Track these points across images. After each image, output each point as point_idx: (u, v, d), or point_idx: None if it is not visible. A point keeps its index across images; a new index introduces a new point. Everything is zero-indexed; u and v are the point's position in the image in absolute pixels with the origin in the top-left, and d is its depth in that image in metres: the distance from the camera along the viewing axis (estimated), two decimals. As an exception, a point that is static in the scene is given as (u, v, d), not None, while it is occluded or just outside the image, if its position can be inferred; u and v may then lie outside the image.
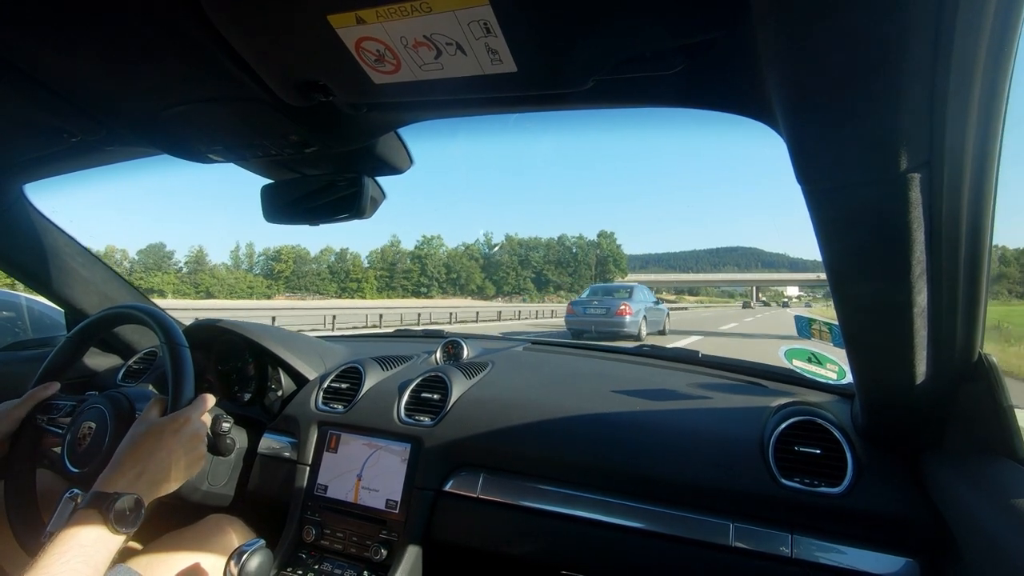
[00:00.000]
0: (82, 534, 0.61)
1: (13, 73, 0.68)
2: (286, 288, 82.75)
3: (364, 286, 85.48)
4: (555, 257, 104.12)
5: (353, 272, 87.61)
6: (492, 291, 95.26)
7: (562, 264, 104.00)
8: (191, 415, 0.79)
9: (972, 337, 0.63)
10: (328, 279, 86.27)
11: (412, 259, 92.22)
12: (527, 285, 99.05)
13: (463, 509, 1.00)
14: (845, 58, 0.37)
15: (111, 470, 0.69)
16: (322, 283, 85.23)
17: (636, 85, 0.62)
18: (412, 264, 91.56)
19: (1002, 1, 0.34)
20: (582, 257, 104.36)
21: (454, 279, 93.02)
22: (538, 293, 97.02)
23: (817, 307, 36.33)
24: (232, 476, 1.14)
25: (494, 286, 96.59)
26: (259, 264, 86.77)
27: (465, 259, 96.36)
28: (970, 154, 0.43)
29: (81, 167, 1.08)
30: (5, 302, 1.98)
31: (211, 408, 0.85)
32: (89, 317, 0.99)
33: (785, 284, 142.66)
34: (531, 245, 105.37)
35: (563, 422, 1.01)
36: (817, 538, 0.80)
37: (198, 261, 76.30)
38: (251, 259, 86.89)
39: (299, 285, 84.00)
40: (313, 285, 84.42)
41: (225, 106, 0.72)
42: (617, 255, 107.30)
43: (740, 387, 1.16)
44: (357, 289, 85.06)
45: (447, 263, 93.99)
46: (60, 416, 0.89)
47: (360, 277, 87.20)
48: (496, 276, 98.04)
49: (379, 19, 0.51)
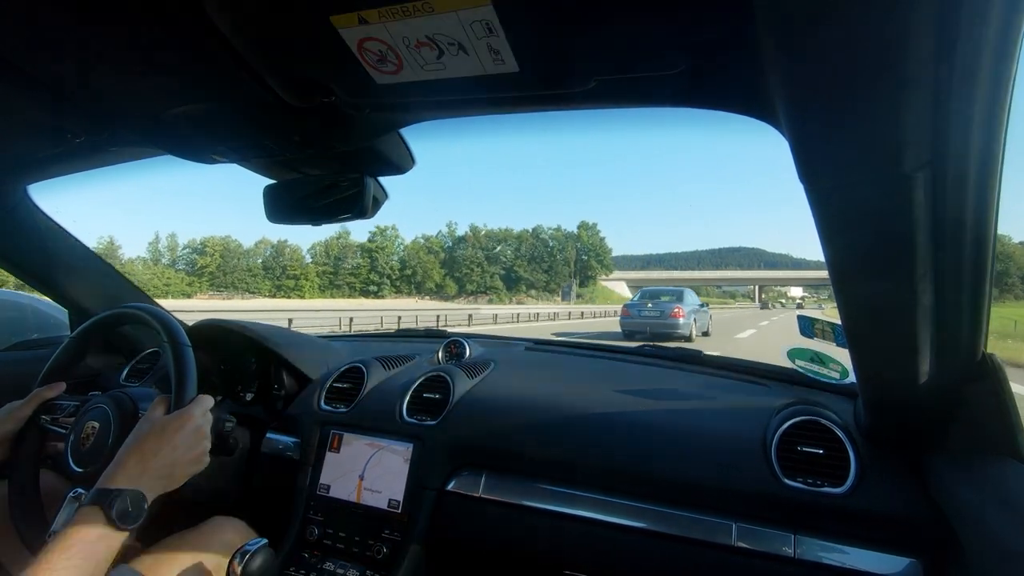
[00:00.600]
0: (85, 530, 0.61)
1: (18, 74, 0.68)
2: (210, 286, 71.49)
3: (303, 283, 75.38)
4: (528, 252, 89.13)
5: (291, 268, 76.27)
6: (453, 290, 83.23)
7: (536, 260, 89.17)
8: (194, 412, 0.79)
9: (976, 337, 0.62)
10: (261, 275, 75.32)
11: (362, 253, 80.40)
12: (495, 283, 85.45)
13: (465, 509, 1.01)
14: (848, 57, 0.37)
15: (114, 467, 0.70)
16: (253, 280, 74.27)
17: (638, 85, 0.62)
18: (362, 259, 79.75)
19: (1005, 0, 0.34)
20: (558, 251, 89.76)
21: (409, 276, 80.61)
22: (508, 292, 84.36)
23: (828, 308, 35.86)
24: (235, 475, 1.14)
25: (456, 284, 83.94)
26: (182, 258, 74.88)
27: (423, 253, 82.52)
28: (973, 153, 0.43)
29: (85, 168, 1.08)
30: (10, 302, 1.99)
31: (214, 407, 0.86)
32: (93, 317, 0.99)
33: (788, 284, 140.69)
34: (500, 237, 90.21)
35: (565, 422, 1.01)
36: (820, 538, 0.80)
37: (107, 255, 60.43)
38: (173, 252, 75.14)
39: (225, 282, 72.71)
40: (242, 283, 73.49)
41: (228, 107, 0.73)
42: (600, 250, 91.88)
43: (742, 387, 1.16)
44: (295, 288, 74.56)
45: (403, 258, 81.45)
46: (64, 416, 0.90)
47: (299, 274, 76.25)
48: (458, 273, 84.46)
49: (381, 19, 0.51)
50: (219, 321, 1.32)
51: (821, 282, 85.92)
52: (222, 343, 1.32)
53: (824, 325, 0.94)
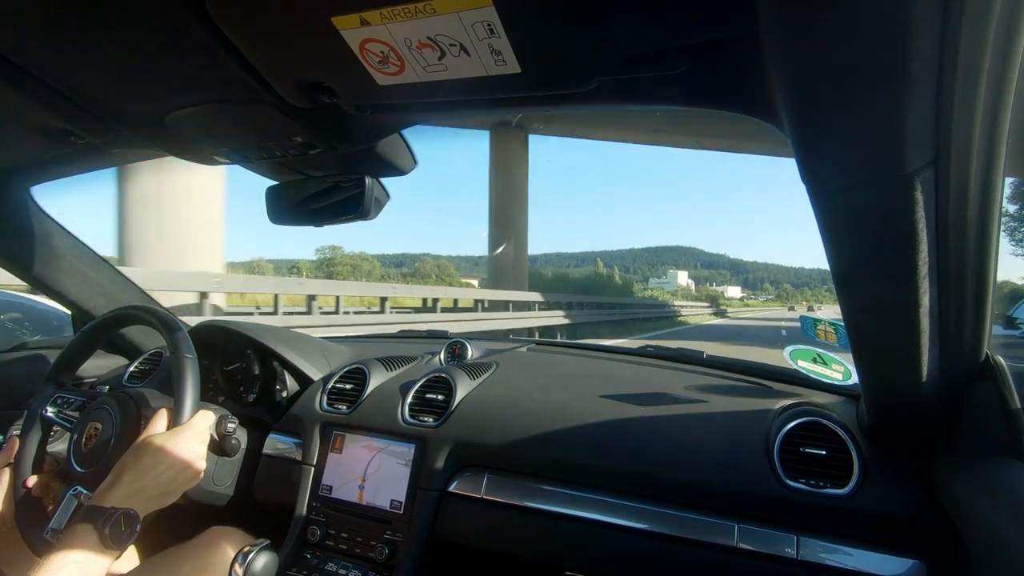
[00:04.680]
0: (76, 549, 0.62)
1: (19, 75, 0.69)
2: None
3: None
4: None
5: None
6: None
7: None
8: (193, 430, 0.80)
9: (979, 337, 0.62)
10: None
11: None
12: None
13: (468, 509, 1.00)
14: (851, 57, 0.37)
15: (109, 484, 0.70)
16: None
17: (640, 85, 0.62)
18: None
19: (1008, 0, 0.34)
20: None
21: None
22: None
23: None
24: (237, 476, 1.14)
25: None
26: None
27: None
28: (976, 153, 0.43)
29: (87, 169, 1.09)
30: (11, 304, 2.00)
31: (216, 408, 0.86)
32: (99, 316, 1.00)
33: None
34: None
35: (568, 423, 1.01)
36: (823, 539, 0.79)
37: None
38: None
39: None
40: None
41: (230, 108, 0.73)
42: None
43: (745, 388, 1.16)
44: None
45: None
46: (69, 410, 0.91)
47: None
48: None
49: (383, 21, 0.51)
50: (221, 322, 1.32)
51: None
52: (224, 344, 1.33)
53: (827, 326, 0.94)
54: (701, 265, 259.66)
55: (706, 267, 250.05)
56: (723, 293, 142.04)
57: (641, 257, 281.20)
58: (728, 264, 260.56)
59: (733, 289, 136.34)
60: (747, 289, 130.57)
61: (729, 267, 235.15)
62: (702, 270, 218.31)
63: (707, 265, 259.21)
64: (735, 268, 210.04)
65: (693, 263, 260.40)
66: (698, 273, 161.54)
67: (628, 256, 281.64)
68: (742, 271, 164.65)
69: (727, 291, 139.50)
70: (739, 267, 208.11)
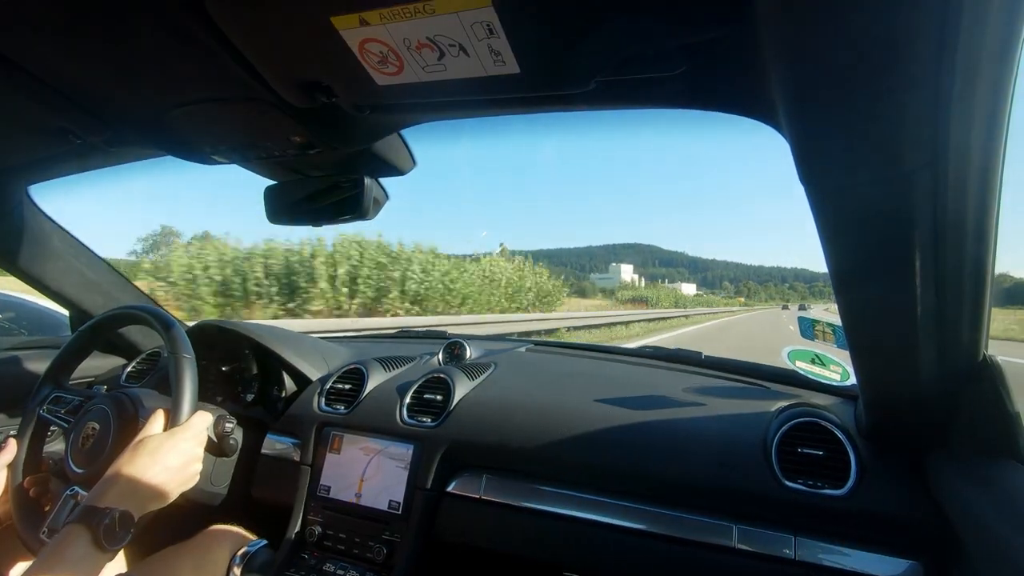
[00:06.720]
0: (71, 550, 0.62)
1: (18, 74, 0.68)
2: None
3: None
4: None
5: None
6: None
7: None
8: (190, 432, 0.80)
9: (977, 338, 0.62)
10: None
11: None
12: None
13: (466, 510, 1.00)
14: (850, 58, 0.37)
15: (104, 484, 0.70)
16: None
17: (638, 86, 0.62)
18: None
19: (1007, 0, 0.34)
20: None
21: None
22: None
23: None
24: (235, 477, 1.14)
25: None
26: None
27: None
28: (974, 153, 0.43)
29: (85, 168, 1.08)
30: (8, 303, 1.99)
31: (214, 409, 0.86)
32: (97, 316, 0.99)
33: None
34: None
35: (566, 423, 1.01)
36: (820, 540, 0.80)
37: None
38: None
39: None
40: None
41: (229, 107, 0.73)
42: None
43: (743, 389, 1.16)
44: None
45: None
46: (67, 410, 0.91)
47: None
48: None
49: (382, 21, 0.51)
50: (219, 322, 1.32)
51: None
52: (222, 344, 1.32)
53: (825, 327, 0.94)
54: (659, 263, 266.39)
55: (664, 265, 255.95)
56: (677, 290, 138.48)
57: (598, 255, 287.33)
58: (686, 262, 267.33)
59: (688, 287, 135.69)
60: (704, 287, 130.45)
61: (687, 265, 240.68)
62: (659, 268, 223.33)
63: (665, 263, 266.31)
64: (693, 266, 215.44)
65: (651, 261, 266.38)
66: (654, 271, 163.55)
67: (585, 254, 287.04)
68: (701, 269, 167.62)
69: (682, 287, 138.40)
70: (698, 265, 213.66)
